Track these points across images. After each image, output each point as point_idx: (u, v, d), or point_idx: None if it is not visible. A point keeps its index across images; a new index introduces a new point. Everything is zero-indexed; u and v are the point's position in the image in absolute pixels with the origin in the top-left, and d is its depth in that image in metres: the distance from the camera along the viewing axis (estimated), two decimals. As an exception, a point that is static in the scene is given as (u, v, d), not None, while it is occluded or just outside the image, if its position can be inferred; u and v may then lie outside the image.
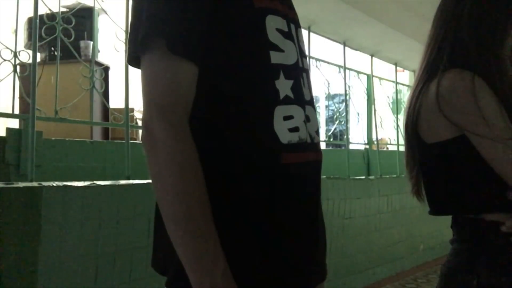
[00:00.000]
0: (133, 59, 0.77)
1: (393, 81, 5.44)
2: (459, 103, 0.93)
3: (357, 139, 5.35)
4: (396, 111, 5.28)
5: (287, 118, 0.78)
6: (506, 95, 0.93)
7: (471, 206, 0.99)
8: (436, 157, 1.01)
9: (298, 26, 0.88)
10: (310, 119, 0.83)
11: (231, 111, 0.75)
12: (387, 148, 5.79)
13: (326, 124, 6.85)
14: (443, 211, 1.04)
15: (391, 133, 5.52)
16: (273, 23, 0.78)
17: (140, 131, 3.66)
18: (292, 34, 0.83)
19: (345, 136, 4.69)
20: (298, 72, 0.82)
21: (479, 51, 0.97)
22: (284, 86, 0.78)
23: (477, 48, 0.98)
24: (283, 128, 0.77)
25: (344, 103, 4.62)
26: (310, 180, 0.85)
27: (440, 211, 1.05)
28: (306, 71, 0.86)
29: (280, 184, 0.77)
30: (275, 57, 0.78)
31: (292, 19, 0.85)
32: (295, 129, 0.79)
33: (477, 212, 0.98)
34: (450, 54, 1.01)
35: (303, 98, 0.82)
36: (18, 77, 2.22)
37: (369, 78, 5.15)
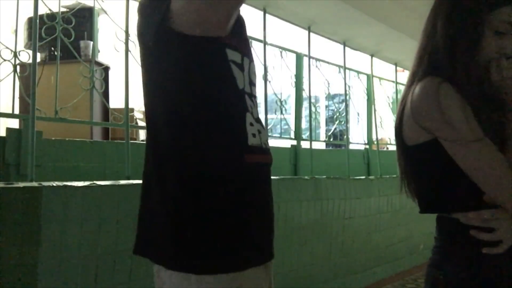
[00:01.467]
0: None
1: (393, 81, 5.44)
2: (426, 110, 0.98)
3: (357, 139, 5.35)
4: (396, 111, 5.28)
5: (252, 124, 0.99)
6: (475, 99, 0.96)
7: (446, 205, 1.03)
8: (415, 159, 1.06)
9: (251, 61, 1.07)
10: (261, 132, 1.03)
11: (221, 115, 0.96)
12: (387, 148, 5.79)
13: (326, 124, 6.86)
14: (427, 209, 1.07)
15: (391, 133, 5.52)
16: (230, 55, 0.98)
17: (140, 131, 3.67)
18: (243, 66, 1.01)
19: (345, 136, 4.69)
20: (246, 95, 1.02)
21: (450, 56, 1.00)
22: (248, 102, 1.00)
23: (448, 53, 1.01)
24: (250, 132, 0.98)
25: (344, 103, 4.62)
26: (267, 176, 1.05)
27: (425, 210, 1.08)
28: (254, 96, 1.06)
29: (248, 178, 0.97)
30: (238, 82, 0.99)
31: (247, 55, 1.04)
32: (254, 135, 0.99)
33: (451, 211, 1.02)
34: (428, 60, 1.05)
35: (254, 115, 1.02)
36: (18, 77, 2.22)
37: (369, 78, 5.15)
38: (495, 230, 0.94)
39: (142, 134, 3.71)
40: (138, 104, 3.12)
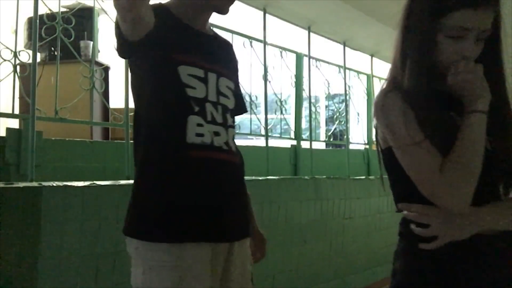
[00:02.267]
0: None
1: (393, 81, 5.44)
2: (376, 118, 1.06)
3: (357, 139, 5.34)
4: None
5: (199, 125, 1.20)
6: (421, 106, 0.99)
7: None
8: (385, 161, 1.11)
9: (220, 76, 1.27)
10: (219, 134, 1.23)
11: (161, 119, 1.21)
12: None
13: (326, 124, 6.85)
14: (396, 209, 1.11)
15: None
16: (185, 70, 1.20)
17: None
18: (207, 79, 1.24)
19: (345, 136, 4.69)
20: (209, 103, 1.23)
21: (402, 64, 1.04)
22: (196, 108, 1.20)
23: (402, 61, 1.04)
24: (192, 131, 1.19)
25: (344, 103, 4.62)
26: (216, 170, 1.23)
27: (397, 209, 1.12)
28: (222, 105, 1.26)
29: (185, 167, 1.19)
30: (189, 91, 1.20)
31: (213, 70, 1.26)
32: (200, 135, 1.19)
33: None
34: (390, 71, 1.10)
35: (213, 120, 1.23)
36: (18, 77, 2.22)
37: (369, 78, 5.15)
38: (430, 226, 0.98)
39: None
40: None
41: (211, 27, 1.43)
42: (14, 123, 2.56)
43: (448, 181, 0.95)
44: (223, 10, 1.28)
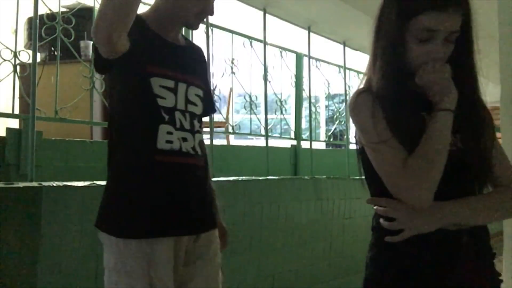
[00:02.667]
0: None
1: (393, 81, 5.43)
2: (351, 118, 1.13)
3: (357, 139, 5.34)
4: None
5: (169, 133, 1.33)
6: (389, 106, 1.03)
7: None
8: (361, 160, 1.16)
9: (190, 85, 1.40)
10: (186, 140, 1.37)
11: (134, 125, 1.34)
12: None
13: (326, 124, 6.85)
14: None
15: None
16: (157, 81, 1.32)
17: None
18: (177, 89, 1.36)
19: (345, 136, 4.69)
20: (178, 111, 1.36)
21: (373, 65, 1.09)
22: (166, 116, 1.33)
23: (373, 63, 1.09)
24: (163, 138, 1.32)
25: (344, 103, 4.62)
26: (182, 173, 1.36)
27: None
28: (189, 112, 1.39)
29: (155, 171, 1.32)
30: (160, 101, 1.32)
31: (184, 81, 1.38)
32: (169, 142, 1.32)
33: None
34: (366, 69, 1.15)
35: (182, 127, 1.36)
36: (18, 77, 2.22)
37: (369, 78, 5.14)
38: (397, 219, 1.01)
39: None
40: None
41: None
42: (14, 123, 2.56)
43: (410, 175, 0.98)
44: (194, 26, 1.45)
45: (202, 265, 1.42)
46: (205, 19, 1.44)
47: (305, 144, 4.25)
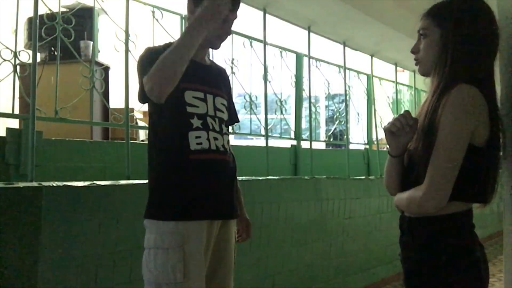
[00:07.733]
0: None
1: (393, 81, 5.44)
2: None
3: (357, 139, 5.35)
4: (396, 111, 5.27)
5: (197, 137, 1.60)
6: None
7: None
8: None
9: (216, 96, 1.69)
10: (217, 139, 1.65)
11: (169, 133, 1.62)
12: (387, 148, 5.78)
13: (326, 124, 6.86)
14: None
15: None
16: (190, 94, 1.62)
17: (140, 131, 3.67)
18: (206, 99, 1.65)
19: (345, 136, 4.69)
20: (209, 116, 1.64)
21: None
22: (196, 122, 1.61)
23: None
24: (193, 142, 1.59)
25: (344, 103, 4.62)
26: (214, 167, 1.63)
27: None
28: (219, 118, 1.68)
29: (190, 167, 1.59)
30: (190, 109, 1.61)
31: (211, 93, 1.68)
32: (199, 143, 1.60)
33: None
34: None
35: (213, 128, 1.64)
36: (18, 77, 2.22)
37: (369, 78, 5.15)
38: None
39: (142, 134, 3.71)
40: (138, 104, 3.12)
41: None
42: (14, 123, 2.56)
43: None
44: (217, 47, 1.73)
45: (228, 248, 1.69)
46: None
47: (305, 144, 4.25)
